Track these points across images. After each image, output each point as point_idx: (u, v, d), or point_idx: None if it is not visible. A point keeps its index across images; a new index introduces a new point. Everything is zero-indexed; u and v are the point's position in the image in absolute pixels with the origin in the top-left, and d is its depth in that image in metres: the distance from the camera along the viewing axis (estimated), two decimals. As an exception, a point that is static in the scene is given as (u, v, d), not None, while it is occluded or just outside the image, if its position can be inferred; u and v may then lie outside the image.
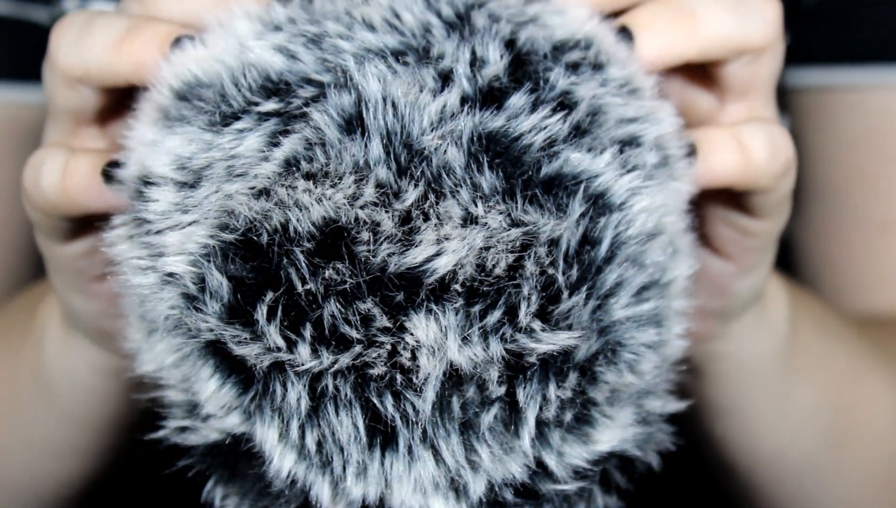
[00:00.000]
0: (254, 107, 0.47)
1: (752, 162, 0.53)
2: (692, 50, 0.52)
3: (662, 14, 0.52)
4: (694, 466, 0.72)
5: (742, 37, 0.53)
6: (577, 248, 0.46)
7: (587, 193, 0.46)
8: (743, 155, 0.53)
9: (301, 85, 0.47)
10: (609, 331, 0.46)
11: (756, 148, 0.53)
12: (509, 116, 0.46)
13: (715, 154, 0.53)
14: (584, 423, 0.47)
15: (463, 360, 0.45)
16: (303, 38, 0.49)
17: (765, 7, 0.54)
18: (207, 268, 0.45)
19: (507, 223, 0.45)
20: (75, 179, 0.52)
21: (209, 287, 0.45)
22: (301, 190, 0.45)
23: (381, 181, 0.45)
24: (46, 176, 0.53)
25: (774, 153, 0.54)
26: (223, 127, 0.47)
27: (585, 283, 0.46)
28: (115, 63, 0.51)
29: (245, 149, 0.46)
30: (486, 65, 0.47)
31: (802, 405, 0.67)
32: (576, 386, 0.46)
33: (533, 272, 0.45)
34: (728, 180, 0.53)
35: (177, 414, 0.49)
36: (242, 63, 0.48)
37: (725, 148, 0.53)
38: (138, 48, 0.51)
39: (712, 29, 0.53)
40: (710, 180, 0.53)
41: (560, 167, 0.46)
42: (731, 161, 0.53)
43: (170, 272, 0.46)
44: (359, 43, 0.48)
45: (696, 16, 0.52)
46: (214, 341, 0.46)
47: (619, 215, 0.47)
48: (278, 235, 0.45)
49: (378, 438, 0.45)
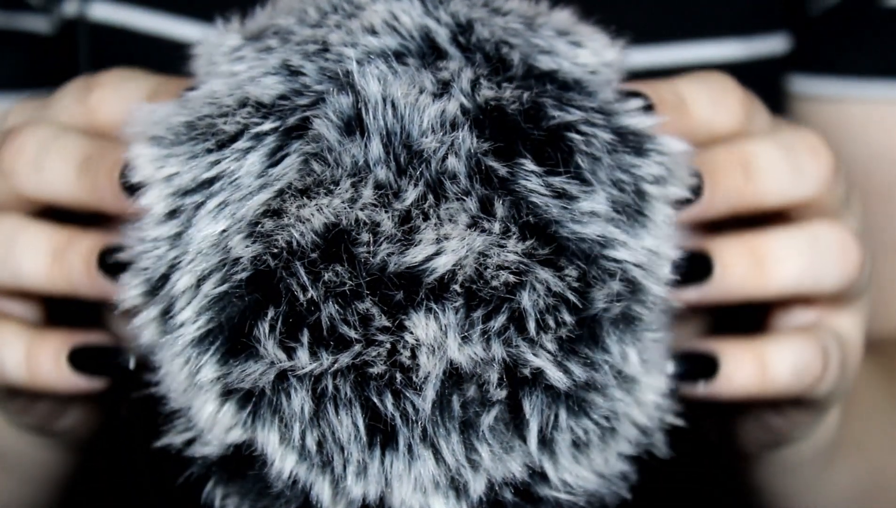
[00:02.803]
0: (251, 128, 0.47)
1: (768, 381, 0.52)
2: (756, 294, 0.52)
3: (741, 253, 0.52)
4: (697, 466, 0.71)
5: (812, 287, 0.52)
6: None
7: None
8: (763, 373, 0.52)
9: (300, 94, 0.47)
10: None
11: (778, 369, 0.52)
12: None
13: (732, 368, 0.52)
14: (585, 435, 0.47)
15: (463, 359, 0.45)
16: (303, 51, 0.49)
17: (845, 255, 0.52)
18: (215, 313, 0.46)
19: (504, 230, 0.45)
20: (43, 368, 0.52)
21: (211, 334, 0.46)
22: (303, 205, 0.45)
23: (381, 182, 0.45)
24: (9, 364, 0.53)
25: (800, 374, 0.52)
26: (220, 150, 0.47)
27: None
28: (75, 194, 0.51)
29: (245, 173, 0.47)
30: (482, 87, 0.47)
31: (840, 479, 0.66)
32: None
33: (539, 279, 0.45)
34: (743, 395, 0.52)
35: (180, 426, 0.49)
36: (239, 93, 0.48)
37: (744, 363, 0.52)
38: (97, 182, 0.51)
39: (782, 279, 0.52)
40: (725, 392, 0.52)
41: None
42: (747, 378, 0.52)
43: (180, 323, 0.47)
44: (362, 47, 0.48)
45: (769, 265, 0.52)
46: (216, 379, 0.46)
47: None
48: (283, 255, 0.45)
49: (378, 437, 0.45)
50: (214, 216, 0.46)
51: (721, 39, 0.76)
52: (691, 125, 0.52)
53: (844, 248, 0.52)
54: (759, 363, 0.52)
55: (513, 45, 0.50)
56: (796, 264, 0.52)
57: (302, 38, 0.50)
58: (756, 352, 0.52)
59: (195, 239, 0.47)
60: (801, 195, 0.52)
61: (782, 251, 0.52)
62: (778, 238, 0.52)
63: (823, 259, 0.52)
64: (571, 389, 0.46)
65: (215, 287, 0.46)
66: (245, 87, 0.48)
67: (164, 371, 0.48)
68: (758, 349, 0.52)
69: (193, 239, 0.47)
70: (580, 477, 0.47)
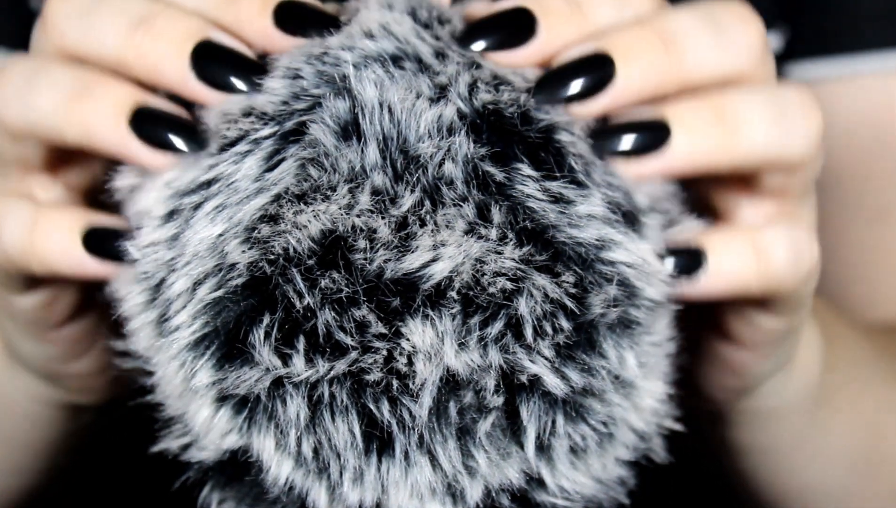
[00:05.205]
0: (251, 135, 0.47)
1: (770, 270, 0.48)
2: (724, 163, 0.47)
3: (704, 117, 0.47)
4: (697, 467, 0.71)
5: (780, 153, 0.48)
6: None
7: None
8: (760, 262, 0.48)
9: (297, 98, 0.47)
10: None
11: (776, 256, 0.48)
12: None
13: (727, 259, 0.48)
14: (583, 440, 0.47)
15: (460, 365, 0.45)
16: (305, 53, 0.49)
17: (808, 120, 0.48)
18: (210, 318, 0.46)
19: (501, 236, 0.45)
20: (48, 242, 0.48)
21: (206, 339, 0.46)
22: (299, 211, 0.45)
23: (378, 187, 0.45)
24: (8, 233, 0.49)
25: (797, 261, 0.48)
26: (220, 154, 0.47)
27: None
28: (63, 126, 0.47)
29: (242, 176, 0.46)
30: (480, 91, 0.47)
31: (834, 439, 0.64)
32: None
33: (536, 285, 0.45)
34: (741, 289, 0.48)
35: (176, 431, 0.49)
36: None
37: (740, 253, 0.48)
38: (89, 113, 0.47)
39: (752, 143, 0.47)
40: (721, 288, 0.48)
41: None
42: (745, 267, 0.48)
43: (175, 327, 0.46)
44: (359, 51, 0.48)
45: (739, 124, 0.47)
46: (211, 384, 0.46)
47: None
48: (279, 261, 0.45)
49: (374, 443, 0.45)
50: (212, 219, 0.46)
51: None
52: (590, 30, 0.48)
53: (806, 108, 0.48)
54: (753, 247, 0.48)
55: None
56: (764, 124, 0.47)
57: (310, 41, 0.49)
58: (746, 236, 0.48)
59: (192, 241, 0.46)
60: (732, 67, 0.48)
61: (748, 111, 0.47)
62: (742, 95, 0.47)
63: (789, 120, 0.48)
64: (569, 395, 0.46)
65: (211, 292, 0.46)
66: (251, 97, 0.48)
67: (160, 375, 0.48)
68: (747, 234, 0.48)
69: (190, 241, 0.46)
70: (578, 483, 0.47)
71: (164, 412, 0.48)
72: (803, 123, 0.48)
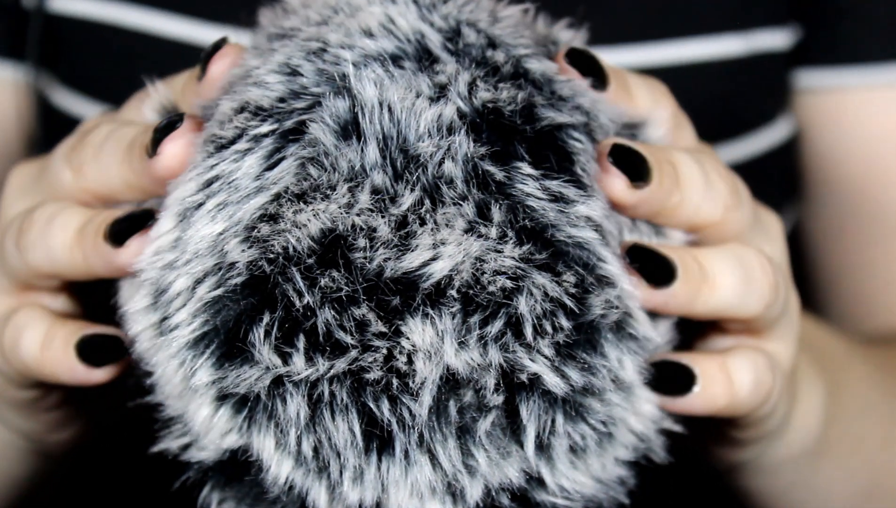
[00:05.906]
0: (249, 131, 0.47)
1: (736, 398, 0.51)
2: (696, 311, 0.50)
3: (691, 271, 0.50)
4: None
5: (739, 309, 0.51)
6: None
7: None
8: (730, 390, 0.51)
9: (297, 96, 0.47)
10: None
11: (742, 384, 0.51)
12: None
13: (707, 387, 0.51)
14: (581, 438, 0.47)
15: (460, 364, 0.45)
16: (304, 49, 0.49)
17: (762, 283, 0.51)
18: (210, 316, 0.46)
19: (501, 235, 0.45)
20: (52, 352, 0.52)
21: (206, 338, 0.46)
22: (299, 210, 0.45)
23: (377, 186, 0.45)
24: (26, 346, 0.53)
25: (757, 388, 0.51)
26: (219, 153, 0.47)
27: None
28: (79, 263, 0.51)
29: (242, 175, 0.46)
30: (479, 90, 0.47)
31: (835, 483, 0.65)
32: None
33: (536, 283, 0.45)
34: (712, 412, 0.51)
35: (176, 431, 0.49)
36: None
37: (716, 382, 0.51)
38: (94, 248, 0.50)
39: (721, 297, 0.50)
40: (696, 410, 0.51)
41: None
42: (719, 395, 0.51)
43: (174, 325, 0.47)
44: (359, 49, 0.48)
45: (715, 282, 0.50)
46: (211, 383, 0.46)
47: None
48: (279, 260, 0.45)
49: (374, 442, 0.45)
50: (213, 217, 0.46)
51: (718, 35, 0.75)
52: (631, 112, 0.52)
53: (764, 269, 0.51)
54: (726, 376, 0.51)
55: (498, 45, 0.50)
56: (731, 282, 0.50)
57: (307, 35, 0.49)
58: (720, 365, 0.51)
59: (193, 239, 0.46)
60: (711, 214, 0.51)
61: (721, 268, 0.50)
62: (715, 254, 0.51)
63: (750, 280, 0.51)
64: (569, 394, 0.46)
65: (210, 291, 0.46)
66: (245, 92, 0.48)
67: (160, 374, 0.48)
68: (721, 363, 0.51)
69: (192, 239, 0.46)
70: (577, 483, 0.47)
71: (164, 412, 0.48)
72: (759, 284, 0.51)
